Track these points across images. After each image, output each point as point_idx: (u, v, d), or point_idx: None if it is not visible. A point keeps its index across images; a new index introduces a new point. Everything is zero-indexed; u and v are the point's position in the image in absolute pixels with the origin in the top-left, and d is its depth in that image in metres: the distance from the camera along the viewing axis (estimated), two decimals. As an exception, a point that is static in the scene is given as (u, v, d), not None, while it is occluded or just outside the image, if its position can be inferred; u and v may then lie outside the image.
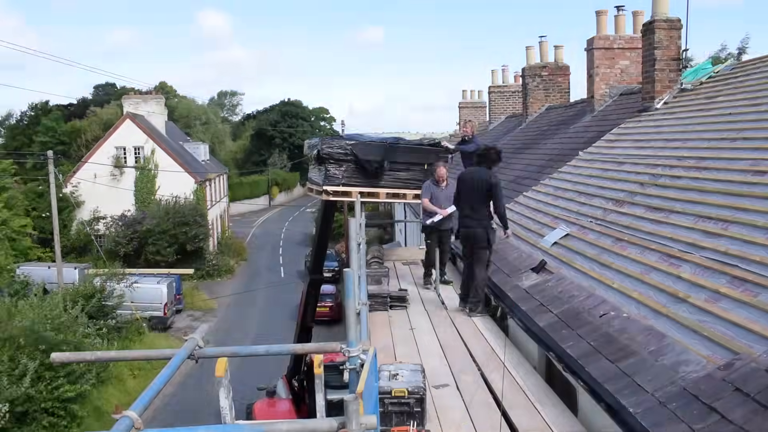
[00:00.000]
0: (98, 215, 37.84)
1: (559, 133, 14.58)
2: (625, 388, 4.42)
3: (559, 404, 5.41)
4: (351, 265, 3.96)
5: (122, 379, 20.60)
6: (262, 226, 58.87)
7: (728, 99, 8.89)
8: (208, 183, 43.56)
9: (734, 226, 5.67)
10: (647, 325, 5.13)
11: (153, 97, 45.15)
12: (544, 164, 12.58)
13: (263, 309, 31.80)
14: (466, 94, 30.72)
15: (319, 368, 2.93)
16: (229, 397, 2.77)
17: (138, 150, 40.66)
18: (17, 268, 27.12)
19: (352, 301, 2.87)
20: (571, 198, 9.41)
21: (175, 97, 67.39)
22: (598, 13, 13.89)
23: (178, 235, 35.44)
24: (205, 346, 2.79)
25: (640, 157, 9.03)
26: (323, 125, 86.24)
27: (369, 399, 2.51)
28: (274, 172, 75.32)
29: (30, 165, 43.65)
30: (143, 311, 25.78)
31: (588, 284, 6.51)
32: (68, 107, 64.77)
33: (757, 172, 6.33)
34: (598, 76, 13.85)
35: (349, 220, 4.62)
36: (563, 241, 8.03)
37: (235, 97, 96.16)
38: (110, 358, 3.44)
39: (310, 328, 14.43)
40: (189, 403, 19.48)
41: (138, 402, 2.13)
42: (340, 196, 9.75)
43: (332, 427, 2.00)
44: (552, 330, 5.90)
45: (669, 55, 10.53)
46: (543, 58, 18.26)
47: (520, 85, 20.52)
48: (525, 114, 19.16)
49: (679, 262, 5.72)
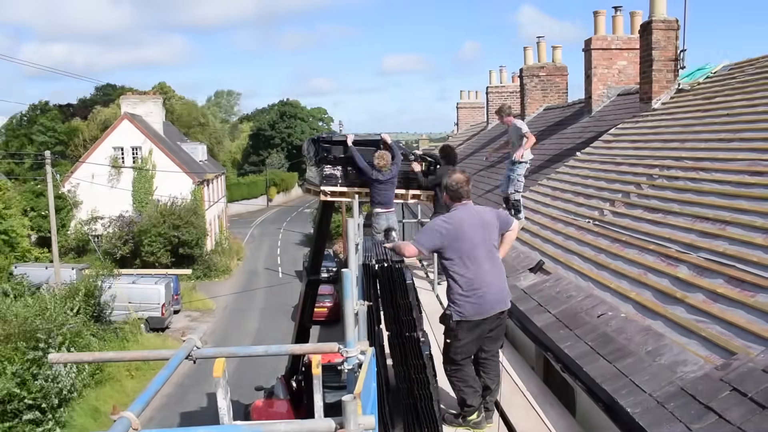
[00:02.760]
0: (96, 215, 37.80)
1: (556, 134, 14.60)
2: (622, 388, 4.43)
3: (557, 404, 5.42)
4: (349, 266, 3.96)
5: (120, 379, 20.57)
6: (260, 226, 58.85)
7: (726, 100, 8.90)
8: (206, 183, 43.54)
9: (732, 227, 5.68)
10: (645, 325, 5.13)
11: (151, 98, 45.09)
12: (542, 165, 12.59)
13: (261, 309, 31.78)
14: (464, 94, 30.77)
15: (317, 369, 2.92)
16: (227, 397, 2.77)
17: (136, 150, 40.61)
18: (14, 268, 27.09)
19: (350, 301, 2.87)
20: (568, 198, 9.42)
21: (173, 98, 67.32)
22: (596, 14, 13.91)
23: (172, 238, 35.37)
24: (203, 346, 2.79)
25: (637, 158, 9.04)
26: (321, 125, 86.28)
27: (367, 399, 2.52)
28: (272, 172, 75.34)
29: (28, 165, 43.62)
30: (141, 311, 25.76)
31: (586, 284, 6.51)
32: (68, 107, 64.77)
33: (754, 172, 6.34)
34: (596, 76, 13.87)
35: (348, 221, 4.60)
36: (561, 241, 8.04)
37: (233, 96, 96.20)
38: (108, 359, 3.42)
39: (308, 329, 14.43)
40: (187, 403, 19.48)
41: (136, 403, 2.12)
42: (338, 196, 9.74)
43: (330, 427, 2.00)
44: (550, 330, 5.90)
45: (666, 55, 10.55)
46: (541, 58, 18.28)
47: (517, 86, 20.52)
48: (523, 114, 19.17)
49: (677, 262, 5.73)
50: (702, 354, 4.37)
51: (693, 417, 3.77)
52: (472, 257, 4.61)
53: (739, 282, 4.85)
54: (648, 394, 4.22)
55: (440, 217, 5.02)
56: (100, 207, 37.60)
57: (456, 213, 4.78)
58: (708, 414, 3.73)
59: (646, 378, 4.42)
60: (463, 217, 4.73)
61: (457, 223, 4.68)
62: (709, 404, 3.79)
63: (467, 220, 4.70)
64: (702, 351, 4.40)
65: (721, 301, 4.80)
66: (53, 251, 24.98)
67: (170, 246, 35.37)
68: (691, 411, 3.84)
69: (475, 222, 4.70)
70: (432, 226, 4.84)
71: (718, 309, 4.72)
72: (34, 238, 35.30)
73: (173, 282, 29.57)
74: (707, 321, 4.69)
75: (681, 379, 4.20)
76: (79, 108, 64.07)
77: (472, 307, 4.57)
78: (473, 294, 4.57)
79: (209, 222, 41.83)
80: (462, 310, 4.58)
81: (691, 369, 4.26)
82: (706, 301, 4.91)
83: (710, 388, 3.94)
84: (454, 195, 4.80)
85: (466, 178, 4.86)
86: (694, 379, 4.12)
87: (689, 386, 4.08)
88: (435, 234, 4.71)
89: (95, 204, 37.81)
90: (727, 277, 5.02)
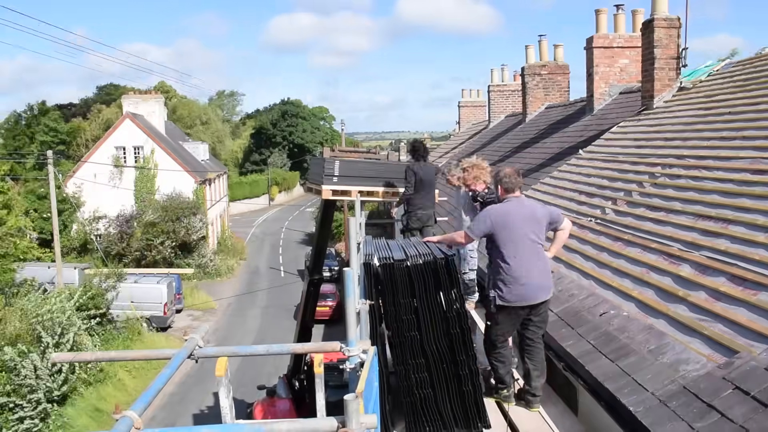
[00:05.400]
0: (98, 215, 37.87)
1: (558, 132, 14.58)
2: (625, 387, 4.43)
3: (559, 403, 5.42)
4: (351, 265, 3.96)
5: (122, 378, 20.61)
6: (262, 225, 58.90)
7: (727, 98, 8.88)
8: (208, 183, 43.57)
9: (734, 225, 5.67)
10: (647, 323, 5.13)
11: (153, 97, 45.12)
12: (544, 163, 12.58)
13: (263, 308, 31.81)
14: (466, 93, 30.73)
15: (319, 368, 2.93)
16: (229, 396, 2.77)
17: (138, 150, 40.66)
18: (17, 269, 27.09)
19: (352, 300, 2.87)
20: (570, 197, 9.41)
21: (174, 97, 67.37)
22: (598, 12, 13.88)
23: (176, 229, 35.43)
24: (205, 345, 2.79)
25: (639, 156, 9.03)
26: (323, 124, 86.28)
27: (369, 398, 2.52)
28: (274, 171, 75.36)
29: (30, 165, 43.65)
30: (143, 311, 25.78)
31: (588, 283, 6.51)
32: (69, 107, 64.83)
33: (756, 170, 6.33)
34: (598, 74, 13.84)
35: (349, 220, 4.61)
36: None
37: (235, 97, 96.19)
38: (110, 358, 3.44)
39: (310, 328, 14.45)
40: (189, 402, 19.51)
41: (138, 402, 2.12)
42: (340, 195, 9.75)
43: (332, 426, 2.00)
44: (552, 329, 5.90)
45: (668, 53, 10.52)
46: (542, 57, 18.26)
47: (519, 84, 20.50)
48: (524, 113, 19.16)
49: (679, 260, 5.72)
50: (704, 352, 4.36)
51: (695, 415, 3.77)
52: (517, 246, 4.86)
53: (742, 280, 4.85)
54: (650, 393, 4.21)
55: (492, 206, 5.33)
56: (102, 207, 37.63)
57: (506, 204, 5.09)
58: (710, 412, 3.73)
59: (648, 376, 4.41)
60: (512, 208, 5.02)
61: (505, 213, 4.98)
62: (711, 403, 3.79)
63: (516, 211, 4.99)
64: (704, 349, 4.40)
65: (723, 300, 4.79)
66: (56, 252, 25.00)
67: (175, 237, 35.43)
68: (694, 409, 3.83)
69: (523, 214, 5.00)
70: (483, 215, 5.20)
71: (720, 307, 4.72)
72: (36, 238, 35.31)
73: (175, 281, 29.61)
74: (709, 319, 4.69)
75: (683, 378, 4.20)
76: (81, 108, 64.13)
77: (513, 294, 4.84)
78: (515, 281, 4.83)
79: (211, 221, 41.87)
80: (504, 295, 4.86)
81: (694, 367, 4.26)
82: (709, 300, 4.91)
83: (712, 386, 3.94)
84: (506, 187, 5.10)
85: (515, 171, 5.21)
86: (697, 378, 4.12)
87: (691, 385, 4.07)
88: (486, 221, 5.03)
89: (97, 204, 37.83)
90: (729, 275, 5.01)
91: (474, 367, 4.59)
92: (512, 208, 5.01)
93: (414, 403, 4.53)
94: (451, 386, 4.54)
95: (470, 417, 4.48)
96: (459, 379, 4.55)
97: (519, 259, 4.83)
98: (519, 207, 5.04)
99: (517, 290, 4.82)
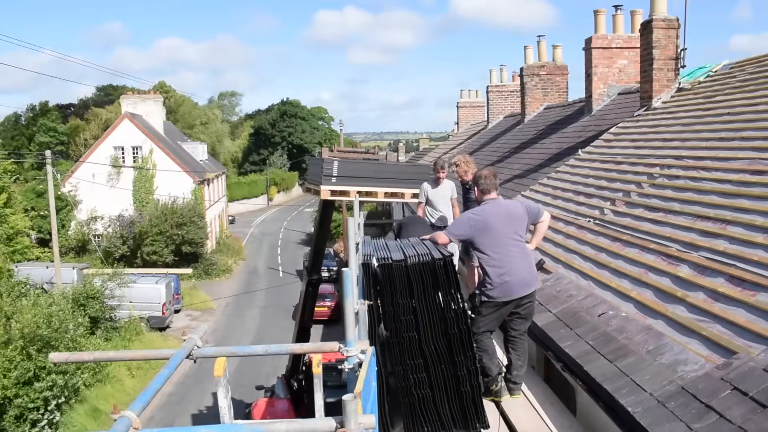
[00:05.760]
0: (96, 215, 37.83)
1: (557, 133, 14.59)
2: (623, 388, 4.43)
3: (557, 403, 5.42)
4: (349, 265, 3.96)
5: (120, 378, 20.59)
6: (261, 225, 58.90)
7: (726, 98, 8.89)
8: (207, 183, 43.55)
9: (732, 226, 5.68)
10: (645, 324, 5.13)
11: (151, 97, 45.09)
12: (543, 164, 12.59)
13: (262, 308, 31.80)
14: (465, 93, 30.75)
15: (318, 368, 2.93)
16: (227, 396, 2.77)
17: (136, 150, 40.62)
18: (15, 268, 27.07)
19: (351, 300, 2.87)
20: (569, 197, 9.42)
21: (173, 97, 67.32)
22: (596, 13, 13.90)
23: (175, 237, 35.39)
24: (204, 345, 2.79)
25: (638, 157, 9.04)
26: (321, 124, 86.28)
27: (367, 398, 2.52)
28: (273, 171, 75.36)
29: (29, 165, 43.63)
30: (141, 311, 25.76)
31: (586, 284, 6.51)
32: (68, 107, 64.81)
33: (755, 171, 6.34)
34: (596, 75, 13.86)
35: (348, 220, 4.61)
36: (562, 240, 8.04)
37: (235, 97, 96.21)
38: (109, 358, 3.44)
39: (309, 328, 14.46)
40: (188, 402, 19.50)
41: (137, 402, 2.12)
42: (338, 195, 9.76)
43: (331, 426, 2.00)
44: (550, 329, 5.91)
45: (667, 54, 10.54)
46: (541, 57, 18.27)
47: (518, 85, 20.51)
48: (523, 113, 19.17)
49: (678, 261, 5.73)
50: (703, 353, 4.36)
51: (694, 416, 3.77)
52: (498, 246, 4.98)
53: (740, 281, 4.85)
54: (648, 394, 4.22)
55: (471, 210, 5.45)
56: (100, 207, 37.60)
57: (484, 206, 5.17)
58: (709, 413, 3.73)
59: (646, 377, 4.42)
60: (491, 210, 5.11)
61: (484, 215, 5.07)
62: (709, 403, 3.79)
63: (494, 212, 5.08)
64: (703, 350, 4.40)
65: (721, 301, 4.79)
66: (54, 251, 24.98)
67: (173, 245, 35.40)
68: (692, 410, 3.84)
69: (501, 214, 5.10)
70: (462, 218, 5.35)
71: (718, 308, 4.72)
72: (35, 238, 35.28)
73: (174, 281, 29.59)
74: (708, 320, 4.69)
75: (682, 379, 4.20)
76: (80, 108, 64.11)
77: (497, 290, 4.96)
78: (499, 278, 4.94)
79: (210, 222, 41.84)
80: (488, 292, 4.99)
81: (692, 368, 4.26)
82: (707, 301, 4.91)
83: (711, 387, 3.94)
84: (483, 188, 5.20)
85: (491, 172, 5.30)
86: (695, 379, 4.12)
87: (690, 385, 4.08)
88: (464, 225, 5.18)
89: (96, 203, 37.81)
90: (727, 276, 5.02)
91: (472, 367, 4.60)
92: (490, 210, 5.12)
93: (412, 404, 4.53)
94: (450, 387, 4.56)
95: (469, 417, 4.50)
96: (457, 379, 4.56)
97: (501, 257, 4.96)
98: (496, 208, 5.15)
99: (501, 286, 4.94)
